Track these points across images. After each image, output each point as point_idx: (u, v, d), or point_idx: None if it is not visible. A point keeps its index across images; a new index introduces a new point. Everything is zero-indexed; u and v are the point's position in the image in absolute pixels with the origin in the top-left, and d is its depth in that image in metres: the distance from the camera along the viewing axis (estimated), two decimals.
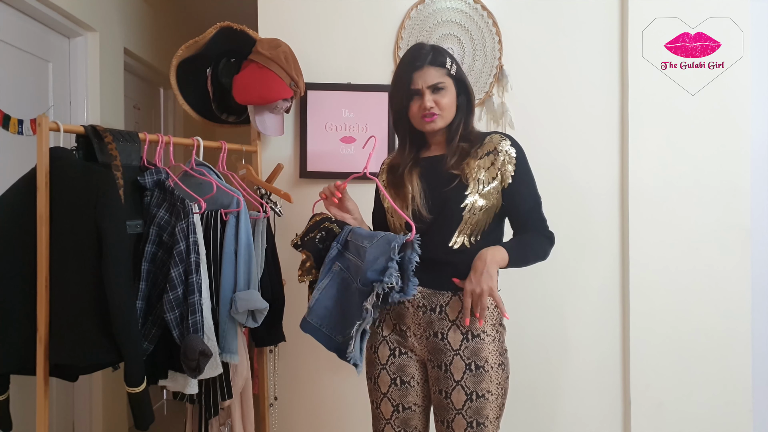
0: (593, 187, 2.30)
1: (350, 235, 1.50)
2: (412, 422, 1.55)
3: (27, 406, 1.85)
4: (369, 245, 1.41)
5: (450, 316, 1.47)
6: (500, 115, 2.27)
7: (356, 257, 1.46)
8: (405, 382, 1.54)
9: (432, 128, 1.53)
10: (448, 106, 1.52)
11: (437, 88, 1.50)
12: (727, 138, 2.24)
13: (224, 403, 1.80)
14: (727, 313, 2.25)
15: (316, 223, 1.57)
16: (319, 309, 1.48)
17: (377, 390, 1.57)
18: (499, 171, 1.50)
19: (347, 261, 1.49)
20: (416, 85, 1.50)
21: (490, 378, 1.45)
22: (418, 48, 1.54)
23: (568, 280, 2.29)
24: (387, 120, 2.24)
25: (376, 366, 1.57)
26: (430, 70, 1.50)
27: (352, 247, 1.48)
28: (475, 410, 1.45)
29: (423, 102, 1.50)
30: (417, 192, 1.52)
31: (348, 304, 1.44)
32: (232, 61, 2.12)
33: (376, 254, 1.38)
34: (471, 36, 2.27)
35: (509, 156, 1.51)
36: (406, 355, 1.54)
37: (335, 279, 1.50)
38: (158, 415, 1.72)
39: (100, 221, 1.46)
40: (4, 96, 2.13)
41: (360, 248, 1.44)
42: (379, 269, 1.35)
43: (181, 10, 3.76)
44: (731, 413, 2.25)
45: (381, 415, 1.56)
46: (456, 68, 1.54)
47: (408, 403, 1.54)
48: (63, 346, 1.47)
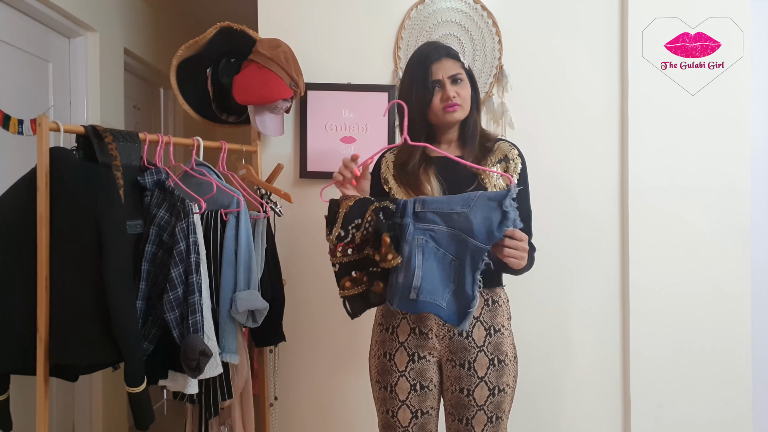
0: (593, 187, 2.30)
1: (419, 206, 1.40)
2: (428, 426, 1.56)
3: (27, 406, 1.85)
4: (468, 209, 1.35)
5: (474, 314, 1.47)
6: (500, 115, 2.27)
7: (445, 224, 1.37)
8: (424, 387, 1.53)
9: (453, 118, 1.52)
10: (467, 98, 1.53)
11: (456, 79, 1.51)
12: (727, 138, 2.24)
13: (224, 403, 1.80)
14: (727, 313, 2.24)
15: (356, 208, 1.40)
16: (427, 285, 1.38)
17: (394, 398, 1.54)
18: (508, 178, 1.52)
19: (431, 232, 1.39)
20: (437, 76, 1.50)
21: (509, 371, 1.50)
22: (431, 43, 1.59)
23: (568, 280, 2.29)
24: (387, 120, 2.24)
25: (393, 374, 1.53)
26: (448, 61, 1.52)
27: (435, 217, 1.38)
28: (496, 405, 1.49)
29: (445, 92, 1.50)
30: (437, 192, 1.50)
31: (448, 271, 1.38)
32: (232, 62, 2.12)
33: (483, 214, 1.33)
34: (471, 36, 2.27)
35: (516, 165, 1.55)
36: (425, 359, 1.53)
37: (428, 252, 1.39)
38: (158, 415, 1.72)
39: (100, 221, 1.46)
40: (4, 96, 2.13)
41: (452, 215, 1.36)
42: (497, 224, 1.32)
43: (181, 10, 3.76)
44: (731, 413, 2.25)
45: (398, 423, 1.54)
46: (468, 65, 1.57)
47: (426, 407, 1.54)
48: (63, 346, 1.47)
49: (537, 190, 1.77)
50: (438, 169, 1.53)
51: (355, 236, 1.39)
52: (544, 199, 2.12)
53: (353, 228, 1.39)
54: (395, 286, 1.38)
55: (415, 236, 1.38)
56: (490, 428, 1.49)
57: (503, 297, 1.56)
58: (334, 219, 1.42)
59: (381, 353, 1.57)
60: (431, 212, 1.38)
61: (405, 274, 1.37)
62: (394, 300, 1.39)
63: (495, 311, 1.52)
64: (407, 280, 1.37)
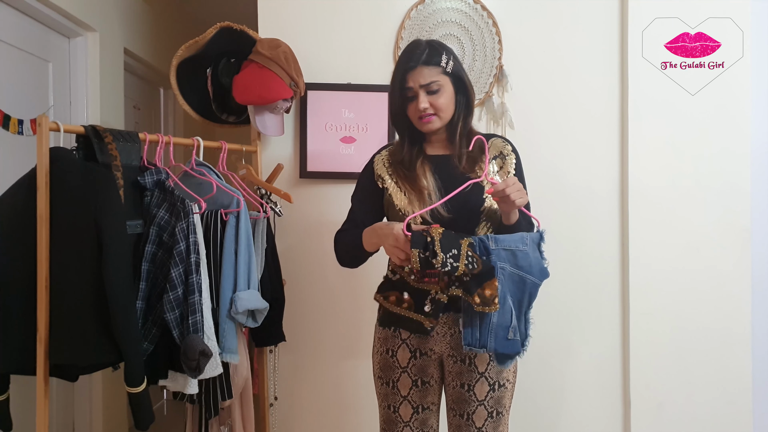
0: (593, 187, 2.30)
1: (493, 243, 1.42)
2: (429, 421, 1.57)
3: (27, 406, 1.85)
4: (526, 247, 1.43)
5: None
6: (500, 115, 2.27)
7: (509, 263, 1.42)
8: (425, 383, 1.55)
9: (429, 129, 1.53)
10: (445, 106, 1.50)
11: (431, 90, 1.48)
12: (727, 138, 2.24)
13: (224, 403, 1.80)
14: (727, 313, 2.24)
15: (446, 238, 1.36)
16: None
17: (396, 394, 1.55)
18: (506, 175, 1.54)
19: (503, 271, 1.43)
20: (411, 84, 1.49)
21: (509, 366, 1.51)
22: (413, 47, 1.52)
23: (568, 280, 2.29)
24: (387, 120, 2.24)
25: (395, 370, 1.55)
26: (423, 70, 1.48)
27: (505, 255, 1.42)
28: (497, 400, 1.50)
29: (417, 103, 1.49)
30: (433, 189, 1.50)
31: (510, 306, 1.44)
32: (232, 61, 2.12)
33: (533, 253, 1.44)
34: (471, 36, 2.27)
35: (512, 160, 1.57)
36: (426, 355, 1.54)
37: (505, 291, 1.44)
38: (158, 415, 1.72)
39: (100, 221, 1.46)
40: (4, 96, 2.13)
41: (516, 253, 1.42)
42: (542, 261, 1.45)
43: (181, 10, 3.76)
44: (731, 413, 2.25)
45: (399, 418, 1.55)
46: (453, 65, 1.51)
47: (427, 403, 1.56)
48: (63, 346, 1.47)
49: (537, 189, 1.78)
50: (433, 166, 1.54)
51: (456, 267, 1.33)
52: (544, 199, 2.12)
53: (451, 258, 1.33)
54: (488, 326, 1.39)
55: (500, 275, 1.40)
56: (490, 423, 1.51)
57: None
58: (427, 244, 1.33)
59: (384, 350, 1.58)
60: (503, 249, 1.42)
61: (501, 313, 1.39)
62: (488, 342, 1.39)
63: None
64: (504, 320, 1.40)
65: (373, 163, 1.63)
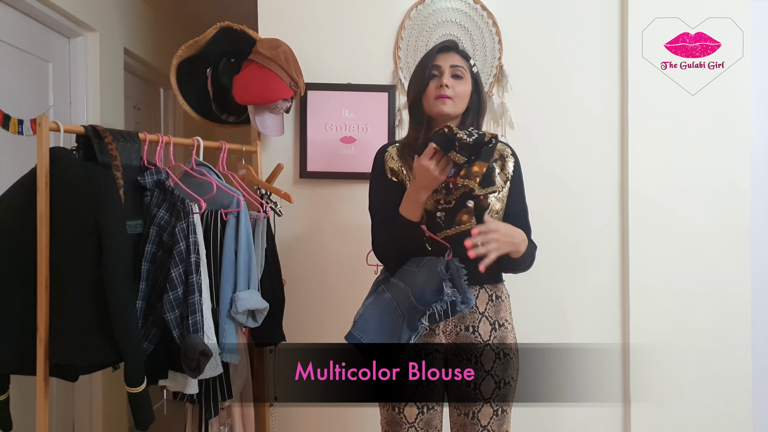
0: (593, 187, 2.30)
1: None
2: (434, 421, 1.57)
3: (27, 406, 1.85)
4: (417, 269, 1.47)
5: (479, 309, 1.51)
6: (500, 115, 2.27)
7: (401, 281, 1.48)
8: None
9: (442, 110, 1.52)
10: (462, 96, 1.53)
11: (457, 75, 1.53)
12: (727, 138, 2.24)
13: (224, 403, 1.80)
14: (727, 313, 2.24)
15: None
16: (361, 323, 1.52)
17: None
18: (507, 176, 1.57)
19: (391, 285, 1.51)
20: (439, 62, 1.53)
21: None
22: (449, 40, 1.64)
23: (568, 280, 2.29)
24: (387, 120, 2.24)
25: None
26: (455, 56, 1.56)
27: (398, 273, 1.51)
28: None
29: (441, 79, 1.51)
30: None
31: (390, 322, 1.48)
32: (232, 61, 2.12)
33: (426, 277, 1.44)
34: (471, 36, 2.27)
35: (510, 163, 1.59)
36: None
37: (378, 298, 1.53)
38: (158, 415, 1.72)
39: (100, 221, 1.46)
40: (4, 96, 2.13)
41: (407, 272, 1.48)
42: (434, 289, 1.41)
43: (181, 10, 3.76)
44: (731, 413, 2.25)
45: (404, 419, 1.54)
46: (477, 70, 1.59)
47: (431, 403, 1.55)
48: (63, 346, 1.47)
49: (537, 189, 1.78)
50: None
51: (483, 133, 1.38)
52: (545, 199, 2.12)
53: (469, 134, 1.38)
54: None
55: (381, 284, 1.55)
56: (495, 421, 1.51)
57: (505, 292, 1.59)
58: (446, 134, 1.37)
59: None
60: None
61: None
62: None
63: (498, 306, 1.55)
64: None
65: (384, 160, 1.60)
